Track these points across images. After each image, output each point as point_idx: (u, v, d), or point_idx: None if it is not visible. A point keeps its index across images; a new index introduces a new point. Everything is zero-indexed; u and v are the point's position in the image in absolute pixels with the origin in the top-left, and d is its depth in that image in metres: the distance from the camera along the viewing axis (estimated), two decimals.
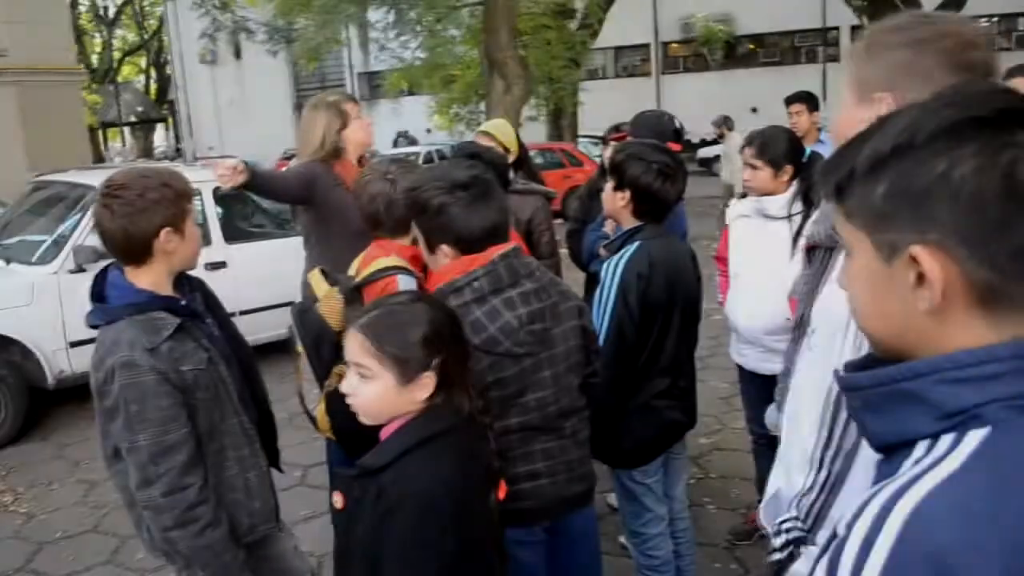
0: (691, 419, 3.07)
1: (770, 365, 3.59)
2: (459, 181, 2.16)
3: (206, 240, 6.61)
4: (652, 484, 3.00)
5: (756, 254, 3.61)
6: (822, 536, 1.49)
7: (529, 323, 2.17)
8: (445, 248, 2.19)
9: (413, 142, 28.66)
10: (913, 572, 0.77)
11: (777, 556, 1.58)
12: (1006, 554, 0.76)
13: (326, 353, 2.41)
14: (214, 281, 6.68)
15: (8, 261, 6.25)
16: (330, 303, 2.54)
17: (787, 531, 1.58)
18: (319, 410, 2.42)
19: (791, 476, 1.69)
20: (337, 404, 2.35)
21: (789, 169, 3.48)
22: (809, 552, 1.52)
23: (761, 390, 3.73)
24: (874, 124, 0.94)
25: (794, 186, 3.49)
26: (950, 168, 0.85)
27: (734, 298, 3.70)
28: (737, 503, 4.43)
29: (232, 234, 7.10)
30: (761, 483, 4.01)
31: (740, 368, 3.84)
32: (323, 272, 2.73)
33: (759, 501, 3.97)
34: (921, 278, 0.87)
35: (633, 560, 3.16)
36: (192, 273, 2.48)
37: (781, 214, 3.49)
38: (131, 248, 2.21)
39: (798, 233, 3.43)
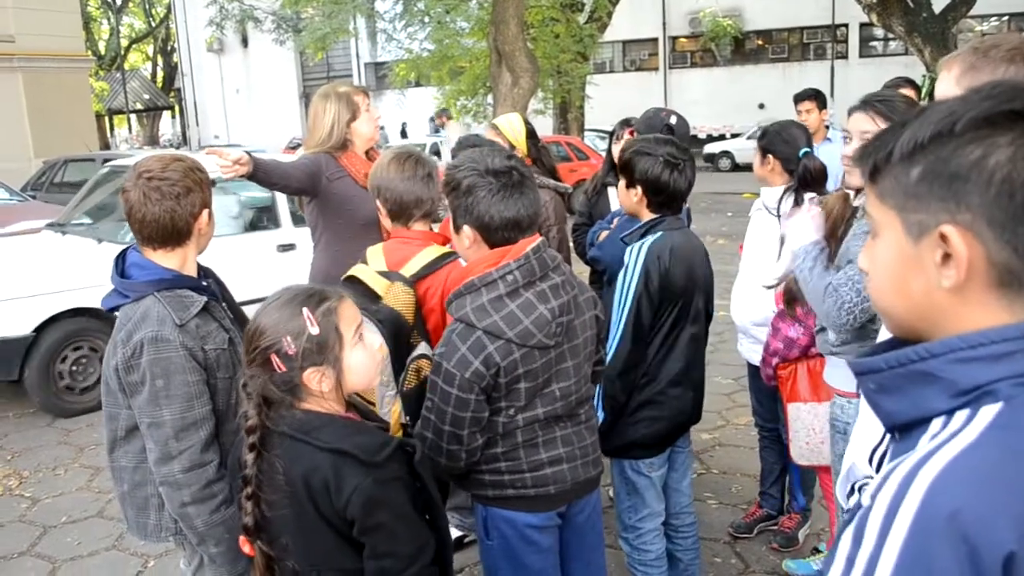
0: (698, 414, 3.10)
1: (757, 356, 3.65)
2: (493, 168, 2.21)
3: (275, 224, 6.98)
4: (655, 478, 3.03)
5: (753, 246, 3.70)
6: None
7: (560, 316, 2.22)
8: (467, 229, 2.24)
9: (436, 130, 28.68)
10: (936, 532, 0.83)
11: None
12: (1019, 515, 0.83)
13: (404, 350, 2.44)
14: (285, 262, 6.58)
15: (100, 241, 6.53)
16: (400, 297, 2.57)
17: (860, 489, 1.67)
18: (393, 414, 2.41)
19: (865, 453, 1.77)
20: (415, 405, 2.38)
21: (771, 160, 3.52)
22: None
23: (763, 383, 3.78)
24: (913, 113, 1.00)
25: (787, 183, 3.51)
26: (985, 155, 0.91)
27: (734, 288, 3.77)
28: (738, 499, 4.45)
29: (301, 218, 7.27)
30: (764, 476, 4.07)
31: (748, 362, 3.88)
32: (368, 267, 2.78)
33: (761, 493, 4.04)
34: (947, 257, 0.93)
35: (625, 555, 3.18)
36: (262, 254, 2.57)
37: (772, 209, 3.53)
38: (175, 229, 2.28)
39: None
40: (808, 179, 3.33)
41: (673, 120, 4.07)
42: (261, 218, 7.15)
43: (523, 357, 2.18)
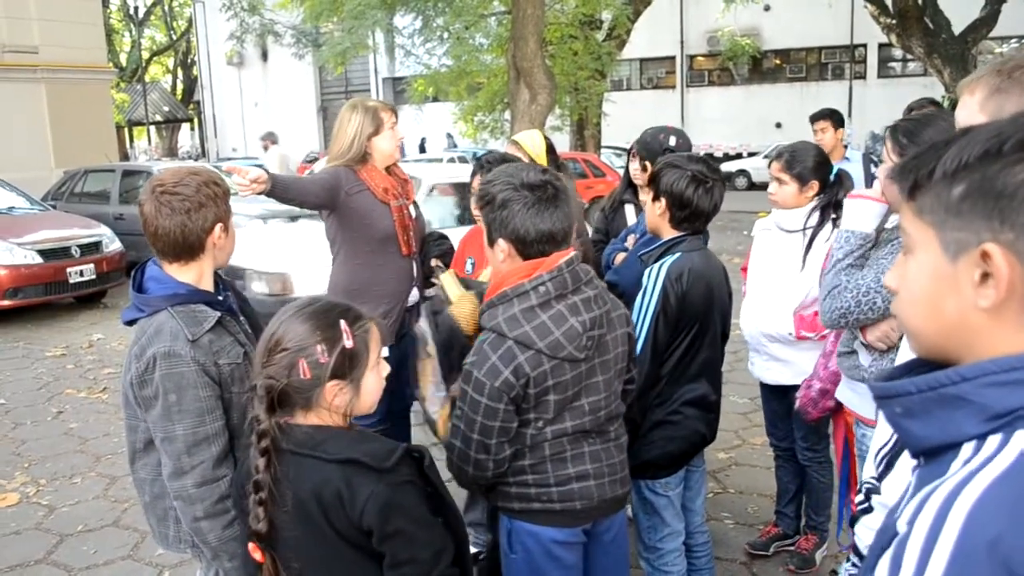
0: (712, 434, 3.08)
1: (772, 374, 3.65)
2: (528, 182, 2.22)
3: None
4: (673, 497, 3.01)
5: (768, 266, 3.66)
6: (887, 485, 1.64)
7: (591, 329, 2.23)
8: (501, 243, 2.25)
9: (454, 145, 28.89)
10: (978, 560, 0.82)
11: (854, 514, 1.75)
12: None
13: (456, 356, 2.46)
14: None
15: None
16: (464, 306, 2.58)
17: (866, 490, 1.71)
18: (441, 414, 2.45)
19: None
20: None
21: (815, 185, 3.49)
22: (879, 501, 1.68)
23: (780, 403, 3.77)
24: (958, 132, 0.99)
25: (814, 201, 3.50)
26: None
27: (745, 307, 3.74)
28: (755, 519, 4.42)
29: None
30: (780, 495, 4.05)
31: (761, 382, 3.85)
32: (454, 275, 2.83)
33: (777, 512, 4.01)
34: (985, 277, 0.92)
35: (646, 575, 3.15)
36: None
37: (796, 227, 3.51)
38: (186, 244, 2.27)
39: (809, 246, 3.46)
40: (843, 199, 3.32)
41: (673, 141, 3.99)
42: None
43: (553, 369, 2.18)
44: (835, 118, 6.38)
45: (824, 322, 2.72)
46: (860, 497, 1.78)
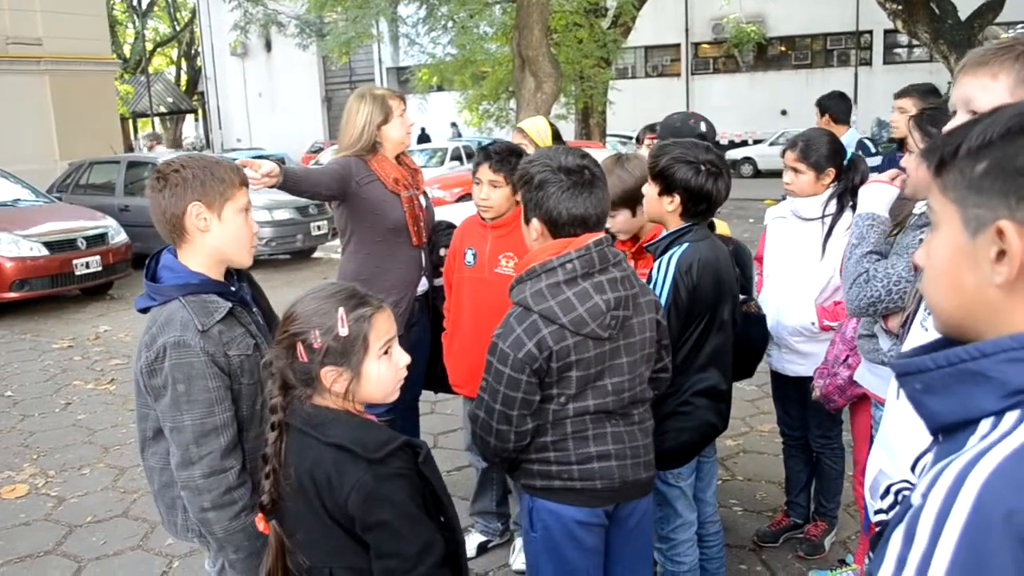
0: (724, 423, 3.06)
1: (793, 367, 3.62)
2: (565, 165, 2.27)
3: None
4: (685, 488, 3.00)
5: (787, 255, 3.62)
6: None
7: (615, 308, 2.26)
8: (535, 222, 2.31)
9: (459, 134, 28.93)
10: (992, 532, 0.82)
11: (883, 516, 1.68)
12: None
13: None
14: None
15: None
16: None
17: (897, 492, 1.66)
18: None
19: (894, 456, 1.74)
20: None
21: (831, 172, 3.46)
22: None
23: (792, 392, 3.75)
24: (987, 112, 1.00)
25: (831, 188, 3.48)
26: None
27: (763, 299, 3.69)
28: (763, 505, 4.42)
29: None
30: (789, 484, 4.04)
31: (772, 371, 3.83)
32: None
33: (787, 502, 4.01)
34: (1002, 254, 0.93)
35: (659, 566, 3.13)
36: None
37: (815, 215, 3.49)
38: (168, 223, 2.26)
39: (828, 234, 3.44)
40: (860, 184, 3.28)
41: (703, 127, 4.00)
42: None
43: (576, 345, 2.22)
44: (821, 107, 6.35)
45: (851, 310, 2.71)
46: (890, 500, 1.73)
